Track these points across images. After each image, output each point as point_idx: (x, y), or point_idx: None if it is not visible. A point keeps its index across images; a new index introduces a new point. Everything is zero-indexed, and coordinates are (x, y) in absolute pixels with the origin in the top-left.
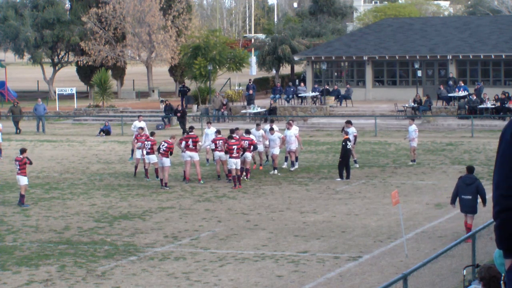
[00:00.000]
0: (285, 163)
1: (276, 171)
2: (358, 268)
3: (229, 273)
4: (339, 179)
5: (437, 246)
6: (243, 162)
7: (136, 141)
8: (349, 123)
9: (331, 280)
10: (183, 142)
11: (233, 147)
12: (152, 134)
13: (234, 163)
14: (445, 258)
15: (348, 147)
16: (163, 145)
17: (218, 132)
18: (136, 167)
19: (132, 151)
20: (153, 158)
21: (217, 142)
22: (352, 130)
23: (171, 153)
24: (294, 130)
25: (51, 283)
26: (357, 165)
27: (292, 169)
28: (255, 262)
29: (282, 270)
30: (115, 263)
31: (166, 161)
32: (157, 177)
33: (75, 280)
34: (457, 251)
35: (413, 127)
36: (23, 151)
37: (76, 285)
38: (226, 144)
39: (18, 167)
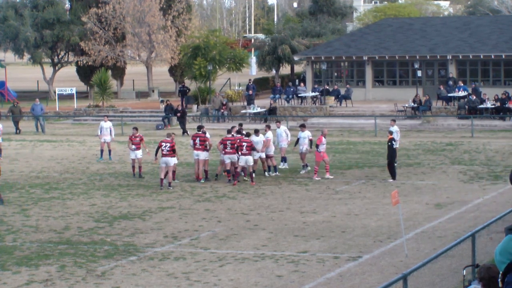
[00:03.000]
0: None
1: (267, 173)
2: (358, 268)
3: (229, 273)
4: (391, 180)
5: (437, 246)
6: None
7: (130, 142)
8: (303, 126)
9: (331, 280)
10: (191, 141)
11: (244, 144)
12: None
13: (245, 160)
14: (445, 258)
15: (394, 147)
16: (165, 146)
17: (228, 131)
18: (133, 168)
19: (101, 151)
20: (173, 160)
21: (226, 142)
22: (306, 134)
23: (174, 151)
24: (267, 134)
25: (51, 283)
26: (309, 168)
27: (267, 174)
28: (255, 262)
29: (282, 270)
30: (115, 263)
31: (171, 161)
32: (138, 175)
33: (75, 280)
34: (457, 251)
35: (395, 128)
36: None
37: (76, 285)
38: (226, 142)
39: None
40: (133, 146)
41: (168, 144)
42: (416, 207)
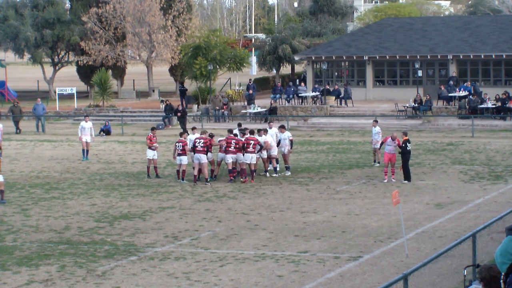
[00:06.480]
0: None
1: (267, 174)
2: (358, 268)
3: (230, 273)
4: (405, 181)
5: (437, 246)
6: (234, 163)
7: (150, 141)
8: (282, 127)
9: (331, 280)
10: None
11: (251, 142)
12: (152, 129)
13: (250, 158)
14: (446, 258)
15: (407, 148)
16: (199, 142)
17: (230, 131)
18: (149, 168)
19: (83, 151)
20: (185, 159)
21: (250, 142)
22: (287, 135)
23: (207, 148)
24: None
25: (51, 283)
26: (289, 172)
27: (268, 174)
28: (256, 262)
29: (282, 270)
30: (115, 263)
31: (203, 157)
32: (154, 175)
33: (75, 280)
34: (458, 251)
35: (377, 129)
36: None
37: (76, 285)
38: (233, 141)
39: None
40: (156, 145)
41: (202, 141)
42: (416, 207)
